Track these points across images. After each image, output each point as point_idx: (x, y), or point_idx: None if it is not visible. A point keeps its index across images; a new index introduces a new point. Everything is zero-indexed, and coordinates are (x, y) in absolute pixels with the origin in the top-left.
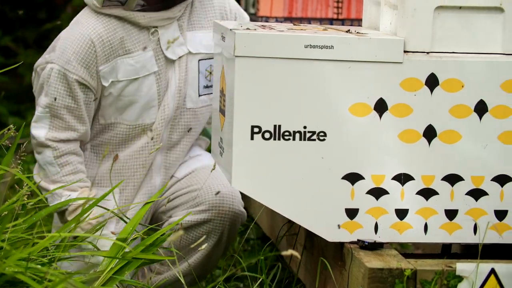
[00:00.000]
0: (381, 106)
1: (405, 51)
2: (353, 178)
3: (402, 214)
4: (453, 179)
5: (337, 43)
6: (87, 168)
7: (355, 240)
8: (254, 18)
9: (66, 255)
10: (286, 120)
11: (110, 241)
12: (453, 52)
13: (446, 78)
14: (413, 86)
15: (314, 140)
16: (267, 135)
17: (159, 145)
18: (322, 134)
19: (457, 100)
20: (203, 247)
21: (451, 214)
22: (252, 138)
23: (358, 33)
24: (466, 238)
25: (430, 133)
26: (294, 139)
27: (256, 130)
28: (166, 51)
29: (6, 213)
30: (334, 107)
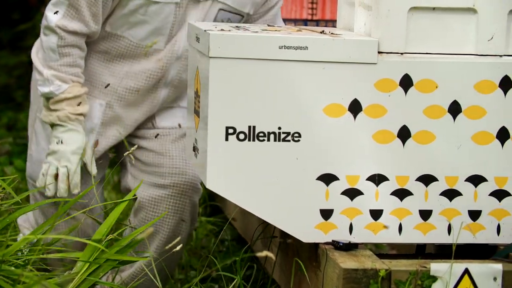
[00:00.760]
0: (355, 107)
1: (379, 52)
2: (327, 178)
3: (376, 214)
4: (427, 180)
5: (311, 44)
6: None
7: (330, 240)
8: None
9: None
10: (260, 121)
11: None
12: (427, 53)
13: (420, 78)
14: (387, 87)
15: (289, 141)
16: (242, 136)
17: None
18: (296, 135)
19: (431, 100)
20: (165, 228)
21: (425, 214)
22: (226, 139)
23: (332, 34)
24: (440, 238)
25: (404, 133)
26: (268, 140)
27: (230, 131)
28: None
29: None
30: (308, 108)
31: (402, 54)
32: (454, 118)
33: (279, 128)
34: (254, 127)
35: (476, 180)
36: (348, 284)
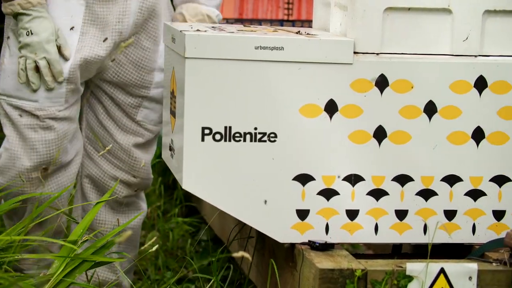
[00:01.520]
0: (331, 107)
1: (355, 52)
2: (304, 179)
3: (352, 214)
4: (403, 180)
5: (287, 44)
6: None
7: (306, 241)
8: None
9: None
10: (236, 121)
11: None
12: (402, 53)
13: (396, 79)
14: (363, 87)
15: (265, 141)
16: (218, 137)
17: None
18: (272, 135)
19: (406, 101)
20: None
21: (401, 214)
22: (202, 139)
23: (308, 34)
24: (416, 238)
25: (380, 134)
26: (244, 141)
27: (206, 131)
28: None
29: None
30: (284, 108)
31: (377, 54)
32: (430, 118)
33: (255, 128)
34: (230, 128)
35: (451, 180)
36: (324, 284)
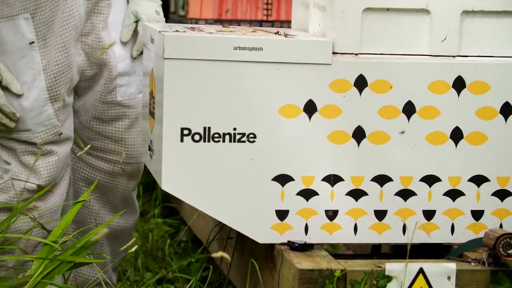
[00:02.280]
0: (310, 108)
1: (333, 53)
2: (283, 179)
3: (332, 215)
4: (382, 180)
5: (266, 45)
6: None
7: (286, 241)
8: (183, 20)
9: None
10: (216, 122)
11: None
12: (381, 53)
13: (375, 79)
14: (342, 87)
15: (244, 142)
16: (197, 137)
17: None
18: (252, 136)
19: (385, 101)
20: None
21: (380, 214)
22: (182, 140)
23: (287, 35)
24: (395, 238)
25: (359, 134)
26: (224, 141)
27: (185, 132)
28: None
29: None
30: (263, 109)
31: (356, 54)
32: (409, 119)
33: (235, 129)
34: (209, 128)
35: (430, 180)
36: (303, 284)
